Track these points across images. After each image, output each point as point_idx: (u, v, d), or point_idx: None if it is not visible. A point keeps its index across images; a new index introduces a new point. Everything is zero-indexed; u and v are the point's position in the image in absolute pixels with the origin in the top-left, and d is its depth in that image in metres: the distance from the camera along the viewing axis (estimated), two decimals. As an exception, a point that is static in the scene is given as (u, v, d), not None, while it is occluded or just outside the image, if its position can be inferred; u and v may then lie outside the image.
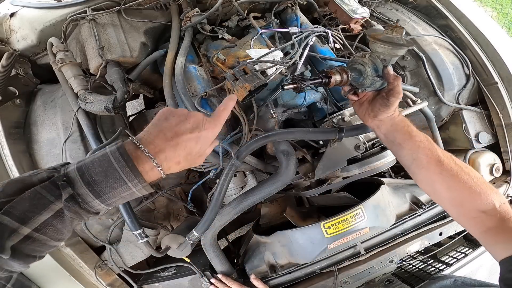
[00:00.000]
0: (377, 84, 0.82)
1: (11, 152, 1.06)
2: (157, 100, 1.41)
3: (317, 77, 0.82)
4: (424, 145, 0.77)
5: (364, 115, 0.86)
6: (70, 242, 1.12)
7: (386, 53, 0.78)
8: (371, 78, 0.81)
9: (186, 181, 1.36)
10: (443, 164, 0.73)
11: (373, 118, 0.82)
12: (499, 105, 1.40)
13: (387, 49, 0.77)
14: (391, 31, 0.76)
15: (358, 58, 0.84)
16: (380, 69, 0.80)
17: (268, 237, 1.12)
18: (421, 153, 0.76)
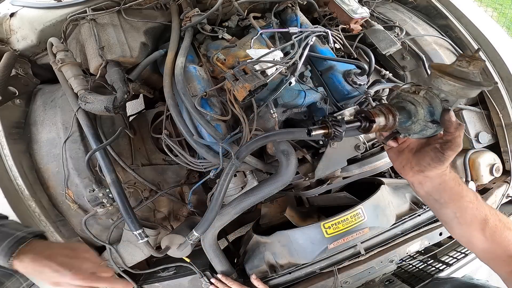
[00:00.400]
0: (429, 131, 0.64)
1: (11, 152, 1.07)
2: (157, 100, 1.41)
3: (355, 120, 0.66)
4: (472, 205, 0.66)
5: (404, 167, 0.70)
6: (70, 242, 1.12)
7: (455, 93, 0.57)
8: (423, 123, 0.62)
9: (186, 181, 1.36)
10: (488, 223, 0.65)
11: (417, 172, 0.66)
12: (499, 105, 1.40)
13: (458, 88, 0.56)
14: (467, 63, 0.56)
15: (408, 94, 0.64)
16: (437, 112, 0.61)
17: (268, 237, 1.12)
18: (468, 213, 0.66)
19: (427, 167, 0.64)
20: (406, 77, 1.48)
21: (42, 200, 1.10)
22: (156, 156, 1.35)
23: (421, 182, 0.68)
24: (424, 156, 0.65)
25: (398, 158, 0.72)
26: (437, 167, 0.64)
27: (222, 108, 1.08)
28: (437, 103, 0.60)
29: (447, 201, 0.67)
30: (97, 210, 1.10)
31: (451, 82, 0.56)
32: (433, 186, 0.67)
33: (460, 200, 0.66)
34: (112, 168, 1.04)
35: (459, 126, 0.59)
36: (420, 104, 0.62)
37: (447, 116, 0.59)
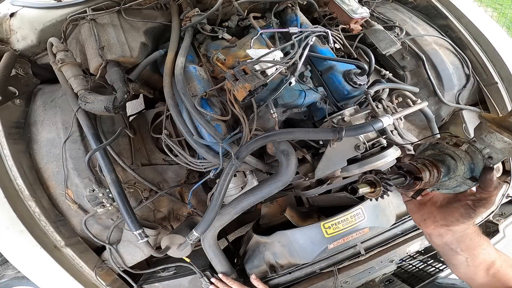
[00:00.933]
0: (463, 188, 0.59)
1: (11, 152, 1.07)
2: (157, 100, 1.41)
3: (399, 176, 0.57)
4: (484, 251, 0.66)
5: (426, 220, 0.67)
6: (70, 242, 1.12)
7: (507, 151, 0.52)
8: (460, 180, 0.58)
9: (186, 181, 1.36)
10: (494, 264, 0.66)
11: (441, 226, 0.64)
12: (499, 105, 1.40)
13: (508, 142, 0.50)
14: None
15: (448, 146, 0.58)
16: (478, 169, 0.57)
17: (268, 237, 1.12)
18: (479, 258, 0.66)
19: (455, 222, 0.62)
20: (406, 77, 1.48)
21: (42, 200, 1.10)
22: (156, 156, 1.35)
23: (442, 234, 0.66)
24: (453, 212, 0.62)
25: (420, 211, 0.69)
26: (466, 222, 0.61)
27: (222, 108, 1.08)
28: (479, 159, 0.56)
29: (463, 250, 0.66)
30: (97, 210, 1.10)
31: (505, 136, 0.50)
32: (454, 238, 0.65)
33: (476, 248, 0.66)
34: (112, 168, 1.04)
35: (499, 186, 0.57)
36: (461, 159, 0.57)
37: (489, 175, 0.56)
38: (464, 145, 0.57)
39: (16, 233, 1.03)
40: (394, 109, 1.16)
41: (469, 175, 0.57)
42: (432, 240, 0.68)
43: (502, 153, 0.53)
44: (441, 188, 0.61)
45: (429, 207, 0.67)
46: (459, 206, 0.61)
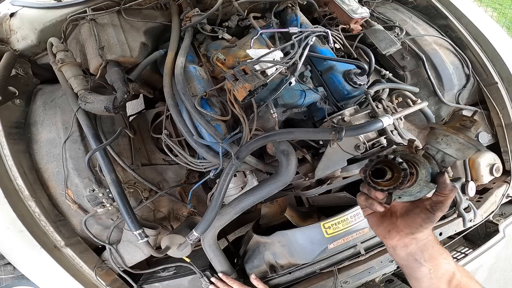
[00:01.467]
0: (424, 192, 0.61)
1: (11, 152, 1.07)
2: (157, 100, 1.41)
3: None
4: (445, 260, 0.67)
5: (390, 232, 0.66)
6: (70, 242, 1.13)
7: (461, 153, 0.56)
8: (423, 184, 0.59)
9: (186, 181, 1.36)
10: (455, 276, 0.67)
11: (406, 235, 0.64)
12: (499, 105, 1.40)
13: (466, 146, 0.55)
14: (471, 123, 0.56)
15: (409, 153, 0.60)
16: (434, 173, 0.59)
17: (268, 237, 1.12)
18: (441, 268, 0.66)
19: (419, 228, 0.62)
20: (406, 77, 1.48)
21: (42, 200, 1.10)
22: (156, 156, 1.35)
23: (407, 244, 0.65)
24: (415, 218, 0.63)
25: (382, 224, 0.68)
26: (428, 227, 0.63)
27: (222, 108, 1.08)
28: (434, 164, 0.59)
29: (427, 260, 0.66)
30: (97, 210, 1.10)
31: (465, 140, 0.54)
32: (418, 246, 0.65)
33: (438, 257, 0.67)
34: (112, 168, 1.04)
35: (454, 188, 0.59)
36: (421, 163, 0.58)
37: (442, 178, 0.58)
38: (421, 151, 0.60)
39: (16, 233, 1.03)
40: (394, 109, 1.16)
41: (430, 179, 0.59)
42: (397, 253, 0.68)
43: (456, 154, 0.57)
44: (404, 196, 0.62)
45: (390, 218, 0.67)
46: (419, 212, 0.62)
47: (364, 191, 0.65)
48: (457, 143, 0.56)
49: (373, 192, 0.62)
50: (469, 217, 1.21)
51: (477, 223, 1.26)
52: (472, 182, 1.23)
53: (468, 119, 0.57)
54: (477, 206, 1.27)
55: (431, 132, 0.59)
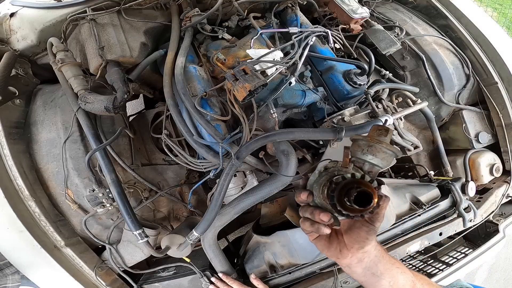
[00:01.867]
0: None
1: (11, 152, 1.07)
2: (157, 100, 1.41)
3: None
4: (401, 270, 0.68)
5: (342, 251, 0.65)
6: (70, 242, 1.13)
7: (385, 162, 0.58)
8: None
9: (186, 181, 1.36)
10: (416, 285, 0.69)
11: (357, 250, 0.64)
12: (499, 105, 1.40)
13: (389, 155, 0.58)
14: (386, 132, 0.58)
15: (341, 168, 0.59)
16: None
17: (268, 237, 1.12)
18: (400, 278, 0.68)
19: (366, 241, 0.63)
20: (406, 77, 1.49)
21: (42, 200, 1.10)
22: (156, 156, 1.35)
23: (360, 259, 0.65)
24: (359, 232, 0.63)
25: (332, 245, 0.66)
26: (373, 238, 0.63)
27: (222, 108, 1.08)
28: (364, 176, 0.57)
29: (383, 272, 0.67)
30: (97, 210, 1.10)
31: (387, 149, 0.57)
32: (371, 259, 0.66)
33: (391, 267, 0.68)
34: (112, 168, 1.04)
35: (386, 198, 0.59)
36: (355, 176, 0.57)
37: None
38: (350, 164, 0.59)
39: (16, 233, 1.03)
40: (394, 109, 1.16)
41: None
42: (353, 270, 0.67)
43: (381, 163, 0.58)
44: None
45: (337, 238, 0.67)
46: (361, 225, 0.63)
47: (306, 215, 0.62)
48: (381, 152, 0.57)
49: (317, 216, 0.59)
50: (469, 217, 1.21)
51: (477, 223, 1.26)
52: (472, 182, 1.24)
53: (383, 129, 0.59)
54: (477, 206, 1.27)
55: (355, 144, 0.60)
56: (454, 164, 1.41)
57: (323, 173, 0.61)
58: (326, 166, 0.62)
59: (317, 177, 0.62)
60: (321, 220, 0.58)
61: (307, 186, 0.64)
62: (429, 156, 1.48)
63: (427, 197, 1.19)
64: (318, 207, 0.61)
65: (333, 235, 0.67)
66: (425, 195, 1.19)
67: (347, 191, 0.53)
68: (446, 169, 1.37)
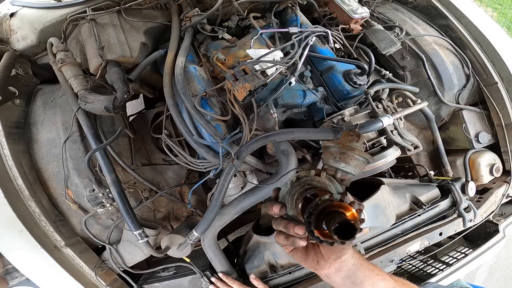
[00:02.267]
0: None
1: (11, 152, 1.07)
2: (157, 100, 1.41)
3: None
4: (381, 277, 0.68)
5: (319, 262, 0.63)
6: (70, 242, 1.12)
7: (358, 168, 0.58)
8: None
9: (186, 181, 1.36)
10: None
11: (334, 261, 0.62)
12: (499, 105, 1.40)
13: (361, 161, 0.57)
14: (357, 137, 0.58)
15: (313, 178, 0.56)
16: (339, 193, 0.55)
17: (268, 237, 1.12)
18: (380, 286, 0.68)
19: (342, 251, 0.61)
20: (406, 77, 1.48)
21: (42, 200, 1.10)
22: (156, 156, 1.35)
23: (339, 269, 0.64)
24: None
25: (309, 257, 0.64)
26: (349, 248, 0.62)
27: (222, 108, 1.08)
28: (338, 185, 0.56)
29: (362, 280, 0.66)
30: (97, 210, 1.10)
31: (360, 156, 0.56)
32: (349, 268, 0.65)
33: (371, 275, 0.67)
34: (112, 168, 1.04)
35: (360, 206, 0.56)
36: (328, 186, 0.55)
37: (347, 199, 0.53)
38: (322, 172, 0.57)
39: (16, 233, 1.03)
40: (394, 109, 1.16)
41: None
42: (333, 280, 0.66)
43: (354, 171, 0.57)
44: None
45: (313, 248, 0.64)
46: None
47: (280, 229, 0.59)
48: (354, 159, 0.56)
49: (292, 229, 0.56)
50: (469, 217, 1.21)
51: (477, 223, 1.26)
52: (472, 182, 1.23)
53: (354, 134, 0.58)
54: (477, 206, 1.27)
55: (327, 152, 0.59)
56: (454, 164, 1.41)
57: (295, 183, 0.57)
58: (298, 175, 0.58)
59: (289, 188, 0.58)
60: (296, 234, 0.56)
61: (279, 198, 0.60)
62: (429, 156, 1.48)
63: (427, 197, 1.19)
64: (292, 220, 0.57)
65: (309, 246, 0.65)
66: (425, 195, 1.19)
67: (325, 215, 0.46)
68: (446, 169, 1.37)
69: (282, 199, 0.59)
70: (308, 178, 0.57)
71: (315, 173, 0.57)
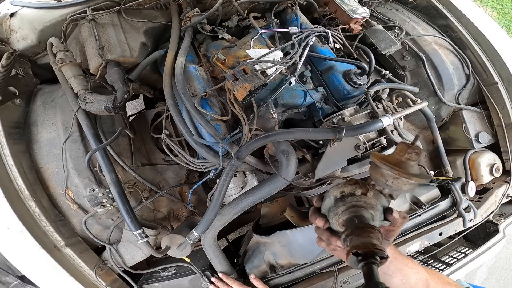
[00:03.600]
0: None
1: (11, 152, 1.07)
2: (157, 100, 1.41)
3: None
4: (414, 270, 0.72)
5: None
6: (70, 242, 1.13)
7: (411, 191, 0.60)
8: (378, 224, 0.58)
9: (186, 181, 1.36)
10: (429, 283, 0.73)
11: None
12: (499, 105, 1.40)
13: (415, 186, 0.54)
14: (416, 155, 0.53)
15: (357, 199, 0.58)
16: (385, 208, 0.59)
17: (268, 237, 1.12)
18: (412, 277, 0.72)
19: None
20: (406, 77, 1.48)
21: (42, 200, 1.10)
22: (156, 156, 1.35)
23: None
24: None
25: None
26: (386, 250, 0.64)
27: (222, 108, 1.08)
28: (385, 200, 0.58)
29: (395, 271, 0.71)
30: (97, 210, 1.10)
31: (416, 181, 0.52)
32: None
33: (404, 268, 0.72)
34: (112, 168, 1.04)
35: (404, 219, 0.59)
36: (374, 207, 0.57)
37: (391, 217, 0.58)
38: (370, 192, 0.57)
39: (16, 233, 1.03)
40: (394, 109, 1.16)
41: (383, 217, 0.58)
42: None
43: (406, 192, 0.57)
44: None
45: None
46: None
47: (323, 239, 0.64)
48: (408, 184, 0.53)
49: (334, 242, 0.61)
50: (469, 217, 1.21)
51: (477, 223, 1.26)
52: (472, 182, 1.24)
53: (413, 152, 0.53)
54: (477, 206, 1.27)
55: (378, 172, 0.55)
56: (454, 164, 1.41)
57: (340, 202, 0.59)
58: (342, 192, 0.59)
59: (333, 205, 0.60)
60: (338, 246, 0.61)
61: (322, 210, 0.63)
62: (429, 156, 1.48)
63: (427, 197, 1.19)
64: (335, 234, 0.61)
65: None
66: (425, 195, 1.19)
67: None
68: (446, 169, 1.37)
69: (324, 212, 0.63)
70: (354, 199, 0.57)
71: (362, 192, 0.57)
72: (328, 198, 0.61)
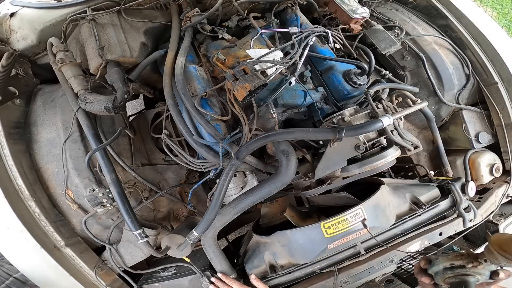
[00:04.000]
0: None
1: (11, 152, 1.07)
2: (157, 100, 1.41)
3: None
4: None
5: None
6: (70, 242, 1.12)
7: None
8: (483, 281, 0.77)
9: (186, 181, 1.36)
10: None
11: None
12: (499, 105, 1.40)
13: None
14: None
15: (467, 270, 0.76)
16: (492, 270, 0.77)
17: (268, 237, 1.12)
18: None
19: None
20: (406, 77, 1.48)
21: (42, 200, 1.10)
22: (156, 156, 1.35)
23: None
24: None
25: None
26: None
27: (222, 108, 1.08)
28: (494, 267, 0.75)
29: None
30: (97, 210, 1.10)
31: None
32: None
33: None
34: (112, 168, 1.04)
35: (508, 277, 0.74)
36: (481, 274, 0.75)
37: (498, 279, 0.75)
38: (480, 266, 0.74)
39: (16, 233, 1.03)
40: (394, 109, 1.16)
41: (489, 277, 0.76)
42: None
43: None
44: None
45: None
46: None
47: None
48: None
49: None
50: (469, 217, 1.20)
51: (477, 223, 1.25)
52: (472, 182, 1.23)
53: None
54: (477, 206, 1.27)
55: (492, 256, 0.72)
56: (454, 164, 1.41)
57: (449, 271, 0.76)
58: (452, 264, 0.77)
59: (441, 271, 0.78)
60: None
61: (428, 270, 0.81)
62: (429, 156, 1.48)
63: (427, 197, 1.19)
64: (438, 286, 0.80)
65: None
66: (425, 195, 1.19)
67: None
68: (446, 169, 1.37)
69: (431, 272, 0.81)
70: (463, 271, 0.75)
71: (473, 265, 0.74)
72: (437, 266, 0.79)
